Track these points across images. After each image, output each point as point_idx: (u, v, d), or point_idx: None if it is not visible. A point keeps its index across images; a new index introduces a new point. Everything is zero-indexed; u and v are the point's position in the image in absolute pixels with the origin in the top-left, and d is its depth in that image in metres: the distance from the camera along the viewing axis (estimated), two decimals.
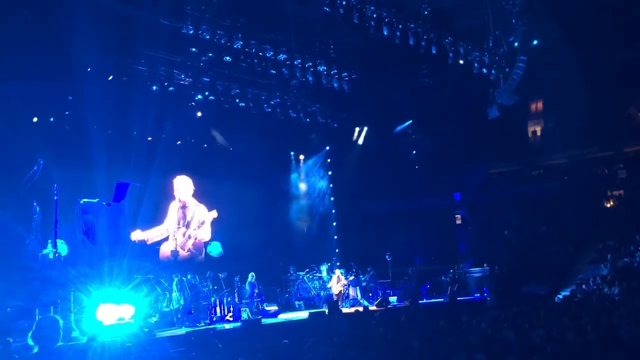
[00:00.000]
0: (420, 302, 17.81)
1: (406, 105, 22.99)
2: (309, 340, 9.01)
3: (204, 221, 19.56)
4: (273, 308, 17.44)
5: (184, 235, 19.62)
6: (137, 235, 18.49)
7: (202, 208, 20.41)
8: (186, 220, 19.86)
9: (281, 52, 17.08)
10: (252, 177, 21.62)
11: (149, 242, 19.09)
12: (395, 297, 19.45)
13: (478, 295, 20.14)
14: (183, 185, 20.27)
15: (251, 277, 17.06)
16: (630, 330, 8.26)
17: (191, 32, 15.15)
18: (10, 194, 13.74)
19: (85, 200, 13.23)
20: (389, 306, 17.41)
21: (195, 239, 19.80)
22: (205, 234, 20.18)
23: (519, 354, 7.29)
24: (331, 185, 24.74)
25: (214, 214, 19.26)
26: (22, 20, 13.42)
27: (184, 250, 19.54)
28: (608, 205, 25.39)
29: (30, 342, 4.41)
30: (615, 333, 8.32)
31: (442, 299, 19.17)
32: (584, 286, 18.88)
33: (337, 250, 23.49)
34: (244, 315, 15.54)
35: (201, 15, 15.25)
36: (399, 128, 24.96)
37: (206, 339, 11.34)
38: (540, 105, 28.57)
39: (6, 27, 13.29)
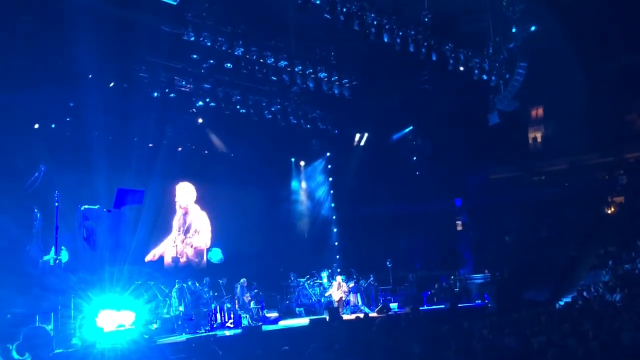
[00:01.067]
0: (421, 308, 17.77)
1: (407, 111, 23.03)
2: (310, 347, 9.00)
3: (196, 229, 19.64)
4: (273, 314, 17.40)
5: (182, 242, 19.67)
6: (150, 256, 18.62)
7: (203, 215, 20.45)
8: (185, 226, 19.91)
9: (282, 59, 17.11)
10: (252, 183, 21.64)
11: (164, 255, 19.21)
12: (396, 304, 19.41)
13: (479, 301, 20.09)
14: (184, 192, 20.32)
15: (242, 282, 16.99)
16: (632, 337, 8.24)
17: (192, 38, 15.19)
18: (11, 200, 13.75)
19: (86, 206, 13.26)
20: (389, 313, 17.36)
21: (191, 246, 19.84)
22: (201, 241, 20.19)
23: None
24: (332, 191, 24.74)
25: None
26: (24, 27, 13.46)
27: (182, 257, 19.58)
28: (609, 211, 25.38)
29: (15, 355, 4.34)
30: (616, 339, 8.30)
31: (443, 306, 19.12)
32: (585, 292, 18.83)
33: (337, 257, 23.47)
34: (245, 322, 15.52)
35: (202, 22, 15.30)
36: (396, 136, 24.97)
37: (206, 346, 11.31)
38: (540, 111, 28.64)
39: (8, 34, 13.34)
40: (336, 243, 24.17)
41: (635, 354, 7.11)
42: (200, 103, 18.26)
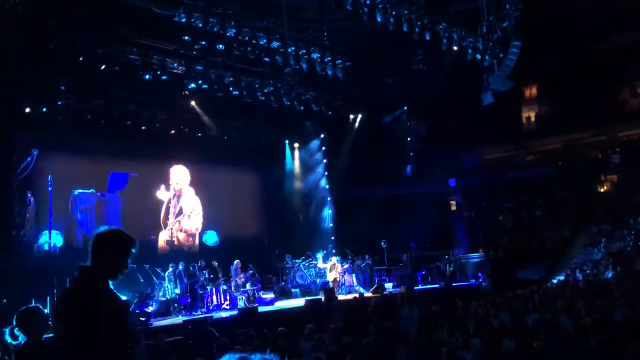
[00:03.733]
0: (415, 288, 17.89)
1: (401, 92, 22.93)
2: (306, 328, 9.07)
3: (186, 213, 19.69)
4: (269, 296, 17.48)
5: (174, 225, 19.72)
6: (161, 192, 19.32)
7: (195, 199, 20.45)
8: (176, 209, 19.92)
9: (274, 40, 16.95)
10: (247, 165, 21.62)
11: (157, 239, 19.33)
12: (391, 284, 19.55)
13: (474, 280, 20.26)
14: (178, 175, 20.28)
15: (236, 263, 17.04)
16: (624, 314, 8.35)
17: (183, 20, 14.99)
18: (4, 185, 13.69)
19: (80, 190, 13.24)
20: (384, 292, 17.48)
21: (181, 230, 19.87)
22: (191, 224, 20.19)
23: (514, 338, 7.34)
24: (326, 173, 24.72)
25: None
26: (12, 11, 13.27)
27: (176, 240, 19.62)
28: (602, 190, 25.51)
29: (9, 339, 4.29)
30: (609, 316, 8.40)
31: (437, 285, 19.29)
32: (578, 270, 19.01)
33: (332, 238, 23.54)
34: (240, 303, 15.60)
35: (193, 3, 15.09)
36: (389, 117, 24.91)
37: (203, 327, 11.39)
38: (534, 90, 28.62)
39: None
40: (331, 224, 24.23)
41: (628, 331, 7.20)
42: (193, 85, 18.12)
